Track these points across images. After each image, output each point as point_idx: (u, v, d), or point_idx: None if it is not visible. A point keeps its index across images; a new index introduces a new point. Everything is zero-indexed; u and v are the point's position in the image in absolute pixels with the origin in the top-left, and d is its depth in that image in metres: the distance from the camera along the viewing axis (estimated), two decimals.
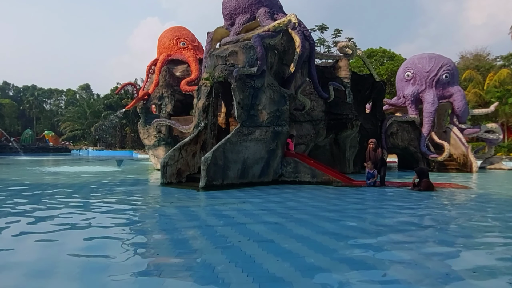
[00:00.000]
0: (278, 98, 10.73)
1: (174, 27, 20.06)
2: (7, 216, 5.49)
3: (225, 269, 3.15)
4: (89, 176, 12.97)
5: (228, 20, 13.36)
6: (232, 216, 5.59)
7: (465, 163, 17.81)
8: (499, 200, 7.96)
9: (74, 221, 5.13)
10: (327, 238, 4.29)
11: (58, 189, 8.92)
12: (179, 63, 18.49)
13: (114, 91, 58.21)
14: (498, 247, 4.10)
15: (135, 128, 42.29)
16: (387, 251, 3.83)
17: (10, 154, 39.39)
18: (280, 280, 2.90)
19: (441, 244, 4.16)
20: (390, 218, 5.70)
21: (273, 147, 10.39)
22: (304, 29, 13.13)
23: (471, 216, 5.99)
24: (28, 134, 54.99)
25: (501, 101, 32.29)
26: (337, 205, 6.85)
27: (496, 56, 45.70)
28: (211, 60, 11.12)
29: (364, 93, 17.64)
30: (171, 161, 10.19)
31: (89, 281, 2.89)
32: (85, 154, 49.14)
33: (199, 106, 11.12)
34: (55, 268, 3.17)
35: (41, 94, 76.94)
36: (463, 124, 18.94)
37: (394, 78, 25.72)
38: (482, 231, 4.93)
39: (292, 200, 7.48)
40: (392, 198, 8.17)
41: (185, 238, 4.28)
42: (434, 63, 18.62)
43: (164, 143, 16.53)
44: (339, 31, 54.98)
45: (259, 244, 3.92)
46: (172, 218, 5.46)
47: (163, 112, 16.71)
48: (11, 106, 64.40)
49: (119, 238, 4.24)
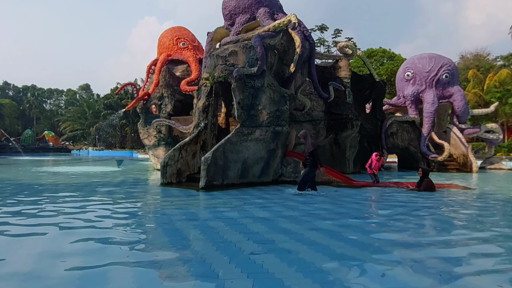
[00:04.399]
0: (278, 98, 10.73)
1: (174, 27, 20.05)
2: (7, 216, 5.49)
3: (225, 269, 3.15)
4: (89, 176, 12.97)
5: (228, 20, 13.36)
6: (232, 216, 5.59)
7: (465, 163, 17.82)
8: (499, 200, 7.96)
9: (74, 221, 5.13)
10: (328, 238, 4.29)
11: (58, 189, 8.91)
12: (179, 63, 18.50)
13: (114, 91, 58.23)
14: (498, 248, 4.10)
15: (135, 128, 42.30)
16: (387, 251, 3.83)
17: (10, 154, 39.35)
18: (280, 281, 2.89)
19: (441, 245, 4.16)
20: (391, 218, 5.70)
21: (273, 147, 10.40)
22: (304, 29, 13.13)
23: (471, 216, 5.98)
24: (28, 134, 54.96)
25: (501, 101, 32.29)
26: (337, 205, 6.85)
27: (496, 56, 45.77)
28: (211, 60, 11.12)
29: (364, 93, 17.65)
30: (171, 161, 10.19)
31: (89, 281, 2.88)
32: (85, 154, 49.10)
33: (199, 106, 11.13)
34: (54, 268, 3.17)
35: (41, 94, 77.07)
36: (463, 124, 18.94)
37: (394, 78, 25.73)
38: (481, 231, 4.93)
39: (292, 200, 7.48)
40: (392, 197, 8.18)
41: (185, 238, 4.28)
42: (434, 63, 18.63)
43: (164, 143, 16.53)
44: (339, 31, 55.10)
45: (259, 244, 3.92)
46: (172, 218, 5.46)
47: (163, 112, 16.72)
48: (11, 106, 64.41)
49: (119, 238, 4.23)
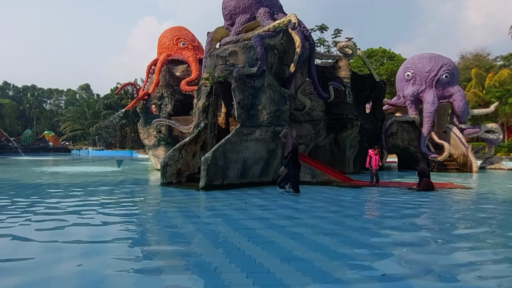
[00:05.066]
0: (278, 98, 10.73)
1: (174, 27, 20.04)
2: (6, 215, 5.49)
3: (225, 269, 3.15)
4: (89, 176, 12.97)
5: (228, 20, 13.36)
6: (232, 216, 5.59)
7: (465, 163, 17.82)
8: (499, 200, 7.96)
9: (73, 221, 5.14)
10: (328, 238, 4.29)
11: (58, 189, 8.92)
12: (179, 63, 18.50)
13: (114, 91, 58.15)
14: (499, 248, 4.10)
15: (135, 128, 42.31)
16: (387, 251, 3.84)
17: (10, 154, 39.33)
18: (279, 280, 2.89)
19: (441, 245, 4.16)
20: (391, 219, 5.70)
21: (273, 147, 10.40)
22: (304, 29, 13.12)
23: (470, 216, 5.99)
24: (28, 134, 54.94)
25: (501, 101, 32.24)
26: (337, 205, 6.85)
27: (496, 56, 45.76)
28: (211, 60, 11.12)
29: (364, 93, 17.65)
30: (171, 161, 10.19)
31: (90, 280, 2.89)
32: (85, 154, 49.07)
33: (199, 106, 11.12)
34: (55, 268, 3.17)
35: (41, 94, 76.98)
36: (463, 124, 18.94)
37: (394, 78, 25.72)
38: (480, 231, 4.94)
39: (292, 200, 7.48)
40: (393, 197, 8.18)
41: (185, 238, 4.28)
42: (434, 63, 18.63)
43: (164, 143, 16.53)
44: (339, 31, 55.03)
45: (258, 244, 3.93)
46: (172, 218, 5.46)
47: (163, 112, 16.72)
48: (11, 106, 64.31)
49: (119, 237, 4.24)
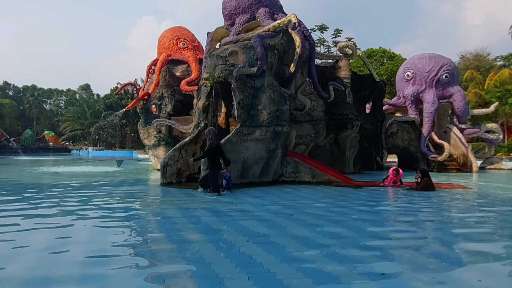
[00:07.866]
0: (278, 98, 10.73)
1: (174, 27, 20.03)
2: (6, 215, 5.49)
3: (225, 269, 3.15)
4: (89, 176, 12.96)
5: (228, 20, 13.36)
6: (232, 216, 5.59)
7: (465, 163, 17.83)
8: (498, 200, 7.96)
9: (73, 221, 5.13)
10: (328, 238, 4.29)
11: (58, 189, 8.90)
12: (179, 63, 18.49)
13: (114, 91, 58.21)
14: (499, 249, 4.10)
15: (135, 128, 42.33)
16: (387, 251, 3.84)
17: (10, 154, 39.32)
18: (280, 282, 2.89)
19: (440, 245, 4.16)
20: (392, 219, 5.69)
21: (273, 147, 10.39)
22: (304, 29, 13.12)
23: (469, 216, 5.98)
24: (28, 134, 54.92)
25: (501, 101, 32.28)
26: (338, 205, 6.85)
27: (496, 56, 45.79)
28: (211, 60, 11.12)
29: (364, 93, 17.66)
30: (171, 161, 10.19)
31: (90, 280, 2.89)
32: (85, 154, 49.08)
33: (199, 106, 11.12)
34: (54, 268, 3.17)
35: (41, 94, 76.96)
36: (463, 124, 18.94)
37: (394, 78, 25.72)
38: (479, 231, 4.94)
39: (292, 200, 7.48)
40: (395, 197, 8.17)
41: (185, 238, 4.27)
42: (434, 63, 18.63)
43: (164, 143, 16.53)
44: (339, 31, 55.03)
45: (258, 244, 3.92)
46: (172, 218, 5.45)
47: (163, 112, 16.72)
48: (11, 106, 64.34)
49: (119, 237, 4.23)
